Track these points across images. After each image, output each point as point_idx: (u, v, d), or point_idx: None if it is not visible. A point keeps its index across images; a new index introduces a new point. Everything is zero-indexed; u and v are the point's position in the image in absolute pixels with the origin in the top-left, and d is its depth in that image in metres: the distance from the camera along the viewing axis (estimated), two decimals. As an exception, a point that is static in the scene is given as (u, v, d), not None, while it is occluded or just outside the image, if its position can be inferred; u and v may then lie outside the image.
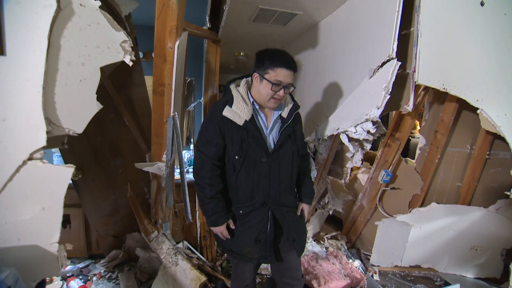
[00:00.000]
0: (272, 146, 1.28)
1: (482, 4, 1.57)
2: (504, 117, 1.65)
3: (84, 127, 1.27)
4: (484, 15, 1.57)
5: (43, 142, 1.12)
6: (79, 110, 1.25)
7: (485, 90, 1.63)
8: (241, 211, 1.29)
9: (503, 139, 1.68)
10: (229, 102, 1.23)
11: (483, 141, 1.99)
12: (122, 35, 1.31)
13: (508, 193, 1.73)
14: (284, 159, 1.29)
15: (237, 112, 1.21)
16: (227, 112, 1.21)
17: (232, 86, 1.30)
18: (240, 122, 1.21)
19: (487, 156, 2.05)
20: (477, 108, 1.64)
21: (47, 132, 1.13)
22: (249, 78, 1.33)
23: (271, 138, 1.29)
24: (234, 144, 1.23)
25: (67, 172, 1.21)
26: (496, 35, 1.61)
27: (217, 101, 1.33)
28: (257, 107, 1.27)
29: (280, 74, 1.20)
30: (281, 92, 1.23)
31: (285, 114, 1.31)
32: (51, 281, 1.73)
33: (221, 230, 1.29)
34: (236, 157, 1.23)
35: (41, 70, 1.08)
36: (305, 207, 1.45)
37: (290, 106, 1.34)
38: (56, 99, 1.15)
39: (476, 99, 1.63)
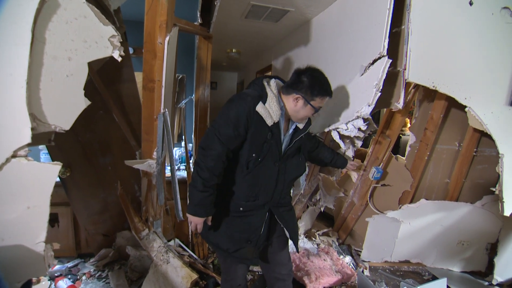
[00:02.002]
0: (283, 152, 1.29)
1: (470, 3, 1.59)
2: (491, 115, 1.69)
3: (72, 124, 1.24)
4: (473, 14, 1.60)
5: (27, 139, 1.08)
6: (66, 106, 1.21)
7: (473, 88, 1.66)
8: (241, 208, 1.27)
9: (489, 137, 1.72)
10: (263, 98, 1.19)
11: (471, 139, 2.04)
12: (110, 30, 1.28)
13: (494, 189, 1.77)
14: (291, 166, 1.33)
15: (270, 111, 1.18)
16: (260, 108, 1.17)
17: (265, 83, 1.26)
18: (269, 122, 1.19)
19: (474, 153, 2.09)
20: (465, 106, 1.68)
21: (32, 129, 1.09)
22: (279, 81, 1.32)
23: (284, 144, 1.30)
24: (254, 142, 1.19)
25: (53, 170, 1.17)
26: (484, 35, 1.64)
27: (246, 91, 1.25)
28: (283, 112, 1.26)
29: (324, 101, 1.28)
30: (315, 114, 1.30)
31: (301, 126, 1.34)
32: (38, 282, 1.69)
33: (198, 222, 1.23)
34: (254, 155, 1.20)
35: (25, 64, 1.04)
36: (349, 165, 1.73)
37: (306, 120, 1.36)
38: (42, 94, 1.11)
39: (464, 97, 1.66)
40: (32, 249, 1.14)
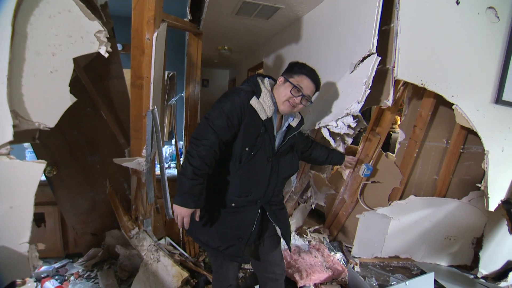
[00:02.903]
0: (276, 149, 1.30)
1: (457, 3, 1.61)
2: (477, 113, 1.72)
3: (57, 121, 1.20)
4: (459, 13, 1.62)
5: (9, 136, 1.05)
6: (51, 103, 1.18)
7: (460, 86, 1.69)
8: (233, 204, 1.26)
9: (476, 134, 1.76)
10: (257, 94, 1.22)
11: (458, 136, 2.07)
12: (96, 25, 1.25)
13: (479, 185, 1.81)
14: (284, 164, 1.33)
15: (264, 106, 1.20)
16: (254, 102, 1.18)
17: (260, 80, 1.29)
18: (263, 116, 1.20)
19: (461, 150, 2.13)
20: (453, 104, 1.70)
21: (14, 126, 1.06)
22: (271, 80, 1.35)
23: (276, 140, 1.31)
24: (247, 136, 1.19)
25: (37, 168, 1.14)
26: (470, 33, 1.67)
27: (241, 86, 1.27)
28: (275, 109, 1.27)
29: (303, 82, 1.25)
30: (298, 99, 1.25)
31: (294, 124, 1.35)
32: (23, 283, 1.65)
33: (185, 215, 1.18)
34: (247, 149, 1.20)
35: (5, 59, 1.00)
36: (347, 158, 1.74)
37: (299, 119, 1.39)
38: (24, 91, 1.08)
39: (452, 95, 1.68)
40: (15, 250, 1.11)
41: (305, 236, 2.55)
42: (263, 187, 1.28)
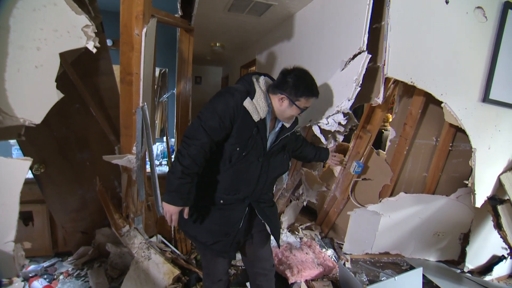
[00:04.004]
0: (268, 149, 1.29)
1: (446, 2, 1.63)
2: (465, 111, 1.75)
3: (43, 118, 1.18)
4: (448, 12, 1.64)
5: (-7, 133, 1.03)
6: (36, 99, 1.16)
7: (448, 84, 1.71)
8: (221, 201, 1.27)
9: (464, 132, 1.79)
10: (251, 94, 1.20)
11: (447, 134, 2.11)
12: (83, 19, 1.22)
13: (467, 182, 1.85)
14: (274, 163, 1.33)
15: (257, 107, 1.19)
16: (248, 103, 1.17)
17: (254, 80, 1.26)
18: (256, 118, 1.19)
19: (450, 148, 2.17)
20: (442, 102, 1.73)
21: (-2, 122, 1.04)
22: (268, 78, 1.33)
23: (269, 141, 1.30)
24: (239, 137, 1.19)
25: (23, 166, 1.12)
26: (459, 33, 1.69)
27: (235, 86, 1.26)
28: (269, 109, 1.27)
29: (310, 102, 1.27)
30: (302, 113, 1.29)
31: (288, 124, 1.34)
32: (10, 283, 1.61)
33: (173, 212, 1.19)
34: (238, 149, 1.20)
35: (-13, 53, 0.98)
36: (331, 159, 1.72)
37: (293, 119, 1.37)
38: (7, 86, 1.05)
39: (441, 93, 1.71)
40: (0, 249, 1.09)
41: (296, 233, 2.56)
42: (252, 186, 1.28)
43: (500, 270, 2.17)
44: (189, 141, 1.16)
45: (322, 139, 1.79)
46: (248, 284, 1.82)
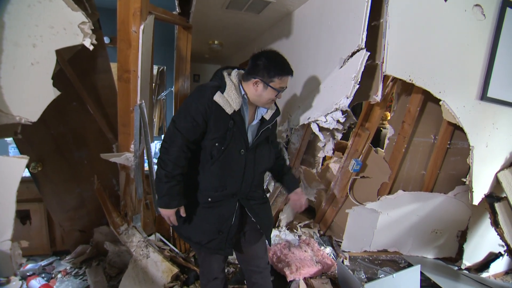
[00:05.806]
0: (250, 141, 1.28)
1: (445, 0, 1.63)
2: (463, 109, 1.75)
3: (39, 115, 1.17)
4: (447, 10, 1.64)
5: (-12, 131, 1.02)
6: (32, 97, 1.15)
7: (447, 82, 1.72)
8: (209, 199, 1.26)
9: (462, 130, 1.79)
10: (221, 88, 1.20)
11: (445, 132, 2.11)
12: (80, 16, 1.21)
13: (465, 180, 1.86)
14: (260, 156, 1.32)
15: (228, 100, 1.19)
16: (218, 97, 1.18)
17: (225, 74, 1.27)
18: (229, 111, 1.19)
19: (448, 146, 2.17)
20: (440, 100, 1.73)
21: (-7, 120, 1.03)
22: (241, 71, 1.32)
23: (250, 133, 1.30)
24: (216, 131, 1.20)
25: (19, 164, 1.12)
26: (457, 30, 1.69)
27: (206, 83, 1.28)
28: (245, 100, 1.26)
29: (285, 81, 1.25)
30: (280, 95, 1.27)
31: (267, 116, 1.33)
32: (8, 282, 1.61)
33: (170, 214, 1.23)
34: (217, 144, 1.20)
35: (-18, 50, 0.97)
36: (298, 190, 1.48)
37: (274, 110, 1.36)
38: (3, 83, 1.04)
39: (439, 91, 1.71)
40: (-3, 247, 1.08)
41: (295, 231, 2.57)
42: (238, 180, 1.27)
43: (497, 267, 2.19)
44: (168, 146, 1.19)
45: (321, 137, 1.78)
46: (246, 282, 1.82)
